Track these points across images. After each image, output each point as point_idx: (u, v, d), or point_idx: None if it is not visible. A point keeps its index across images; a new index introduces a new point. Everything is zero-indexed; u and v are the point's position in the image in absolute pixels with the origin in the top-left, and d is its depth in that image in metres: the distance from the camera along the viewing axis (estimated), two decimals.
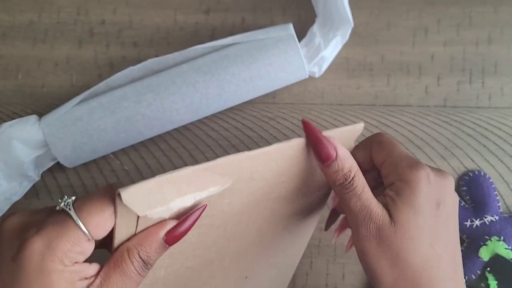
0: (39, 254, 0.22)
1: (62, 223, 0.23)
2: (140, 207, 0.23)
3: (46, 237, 0.23)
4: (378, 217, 0.27)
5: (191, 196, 0.26)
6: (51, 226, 0.23)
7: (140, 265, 0.25)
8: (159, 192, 0.24)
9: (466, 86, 0.44)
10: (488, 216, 0.41)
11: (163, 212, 0.25)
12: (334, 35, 0.41)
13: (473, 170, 0.43)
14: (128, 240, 0.25)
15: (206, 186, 0.26)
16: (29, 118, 0.41)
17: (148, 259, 0.25)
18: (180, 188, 0.25)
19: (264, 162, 0.29)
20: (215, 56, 0.41)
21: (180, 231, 0.25)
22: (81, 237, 0.23)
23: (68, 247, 0.23)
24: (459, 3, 0.45)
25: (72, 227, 0.23)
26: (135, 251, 0.24)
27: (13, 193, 0.42)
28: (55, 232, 0.23)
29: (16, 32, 0.46)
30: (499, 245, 0.40)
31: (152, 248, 0.25)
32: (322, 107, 0.44)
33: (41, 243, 0.22)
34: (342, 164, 0.28)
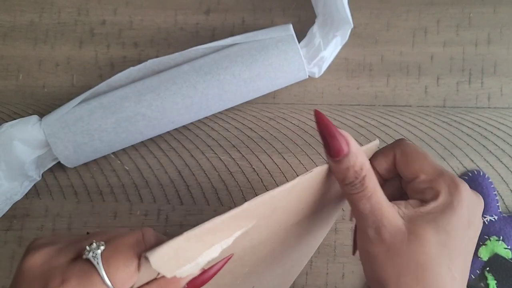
0: None
1: (88, 277, 0.22)
2: (169, 269, 0.22)
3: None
4: (390, 223, 0.25)
5: (218, 246, 0.24)
6: (76, 280, 0.22)
7: None
8: (187, 250, 0.23)
9: (465, 86, 0.44)
10: (487, 216, 0.41)
11: (192, 268, 0.24)
12: (334, 36, 0.41)
13: (472, 170, 0.43)
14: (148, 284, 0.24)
15: (232, 233, 0.25)
16: (30, 118, 0.41)
17: None
18: (206, 241, 0.24)
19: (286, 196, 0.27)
20: (216, 56, 0.41)
21: (202, 279, 0.25)
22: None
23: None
24: (459, 4, 0.45)
25: (98, 283, 0.22)
26: None
27: (14, 193, 0.42)
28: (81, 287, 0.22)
29: (17, 32, 0.46)
30: (498, 245, 0.40)
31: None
32: (322, 107, 0.44)
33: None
34: (354, 160, 0.25)
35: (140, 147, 0.44)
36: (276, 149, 0.44)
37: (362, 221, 0.26)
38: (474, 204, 0.27)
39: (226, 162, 0.44)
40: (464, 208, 0.25)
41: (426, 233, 0.24)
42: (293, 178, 0.28)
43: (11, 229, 0.43)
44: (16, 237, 0.43)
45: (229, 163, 0.44)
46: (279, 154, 0.44)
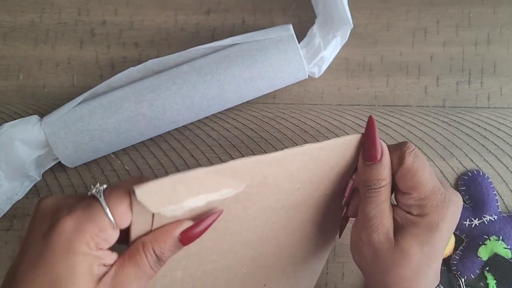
0: (69, 233, 0.24)
1: (92, 208, 0.24)
2: (153, 204, 0.24)
3: (77, 219, 0.24)
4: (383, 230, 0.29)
5: (203, 196, 0.26)
6: (82, 210, 0.24)
7: (154, 260, 0.26)
8: (172, 191, 0.24)
9: (465, 86, 0.44)
10: (487, 216, 0.41)
11: (176, 210, 0.25)
12: (334, 36, 0.41)
13: (472, 170, 0.43)
14: (145, 235, 0.26)
15: (218, 188, 0.27)
16: (30, 118, 0.41)
17: (162, 255, 0.26)
18: (192, 188, 0.25)
19: (277, 167, 0.29)
20: (216, 56, 0.41)
21: (195, 232, 0.26)
22: (107, 224, 0.24)
23: (95, 232, 0.24)
24: (458, 4, 0.45)
25: (101, 214, 0.24)
26: (150, 245, 0.25)
27: (14, 193, 0.42)
28: (85, 216, 0.24)
29: (17, 32, 0.46)
30: (498, 245, 0.40)
31: (167, 245, 0.26)
32: (321, 108, 0.45)
33: (71, 224, 0.24)
34: (382, 170, 0.30)
35: (140, 147, 0.44)
36: (276, 149, 0.44)
37: (363, 220, 0.30)
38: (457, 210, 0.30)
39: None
40: (448, 223, 0.29)
41: (411, 247, 0.28)
42: None
43: (11, 229, 0.43)
44: (17, 237, 0.43)
45: None
46: None
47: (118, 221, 0.24)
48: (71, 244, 0.24)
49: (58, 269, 0.23)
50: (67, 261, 0.23)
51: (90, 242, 0.24)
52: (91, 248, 0.24)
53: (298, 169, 0.30)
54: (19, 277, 0.24)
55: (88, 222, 0.24)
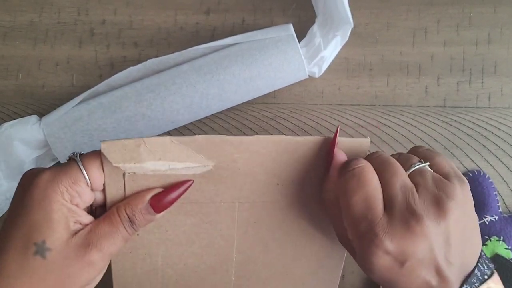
0: (45, 183, 0.26)
1: (68, 165, 0.27)
2: (115, 159, 0.26)
3: (53, 172, 0.26)
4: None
5: (165, 163, 0.28)
6: (59, 167, 0.27)
7: (127, 222, 0.27)
8: (134, 151, 0.27)
9: (465, 86, 0.44)
10: (487, 216, 0.41)
11: (136, 168, 0.27)
12: (334, 36, 0.41)
13: (472, 170, 0.43)
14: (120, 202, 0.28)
15: (182, 159, 0.28)
16: (29, 118, 0.41)
17: (133, 217, 0.28)
18: (155, 152, 0.27)
19: (246, 152, 0.29)
20: (216, 56, 0.41)
21: (166, 199, 0.28)
22: (81, 178, 0.26)
23: (69, 183, 0.26)
24: (459, 3, 0.45)
25: (75, 169, 0.26)
26: (123, 207, 0.28)
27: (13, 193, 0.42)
28: (61, 170, 0.26)
29: (16, 32, 0.46)
30: (498, 245, 0.40)
31: (138, 208, 0.28)
32: (322, 107, 0.44)
33: (48, 175, 0.26)
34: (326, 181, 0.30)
35: None
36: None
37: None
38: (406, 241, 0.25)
39: None
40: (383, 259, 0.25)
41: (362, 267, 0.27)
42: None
43: None
44: None
45: None
46: None
47: (91, 178, 0.27)
48: (47, 192, 0.25)
49: (35, 216, 0.25)
50: (43, 208, 0.25)
51: (64, 193, 0.26)
52: (65, 199, 0.26)
53: (273, 161, 0.30)
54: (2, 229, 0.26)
55: (62, 173, 0.26)
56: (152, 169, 0.28)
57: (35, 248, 0.25)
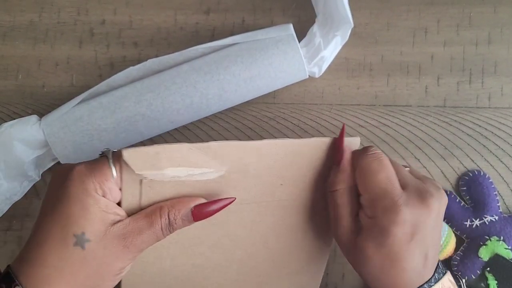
0: (82, 177, 0.26)
1: (101, 162, 0.27)
2: (137, 166, 0.27)
3: (88, 167, 0.27)
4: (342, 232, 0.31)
5: (184, 169, 0.28)
6: (93, 162, 0.28)
7: (166, 223, 0.28)
8: (155, 158, 0.27)
9: (465, 86, 0.44)
10: (487, 216, 0.41)
11: (157, 175, 0.28)
12: (334, 36, 0.41)
13: (472, 170, 0.43)
14: (163, 201, 0.29)
15: (199, 165, 0.28)
16: (29, 118, 0.41)
17: (174, 222, 0.28)
18: (174, 159, 0.28)
19: (256, 156, 0.30)
20: (215, 56, 0.41)
21: (207, 210, 0.29)
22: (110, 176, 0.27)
23: (102, 180, 0.27)
24: (459, 3, 0.45)
25: (106, 165, 0.27)
26: (166, 209, 0.28)
27: (13, 193, 0.42)
28: (95, 165, 0.27)
29: (16, 32, 0.46)
30: (499, 245, 0.40)
31: (180, 213, 0.28)
32: (322, 107, 0.44)
33: (84, 170, 0.27)
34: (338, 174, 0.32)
35: None
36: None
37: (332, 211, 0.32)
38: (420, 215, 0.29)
39: None
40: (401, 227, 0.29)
41: (367, 248, 0.29)
42: None
43: (10, 229, 0.43)
44: (16, 237, 0.43)
45: None
46: None
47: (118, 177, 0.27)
48: (84, 186, 0.26)
49: (72, 208, 0.26)
50: (80, 201, 0.26)
51: (98, 189, 0.26)
52: (99, 194, 0.26)
53: (278, 163, 0.31)
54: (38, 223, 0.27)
55: (97, 170, 0.27)
56: (172, 176, 0.28)
57: (75, 239, 0.26)
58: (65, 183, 0.27)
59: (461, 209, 0.42)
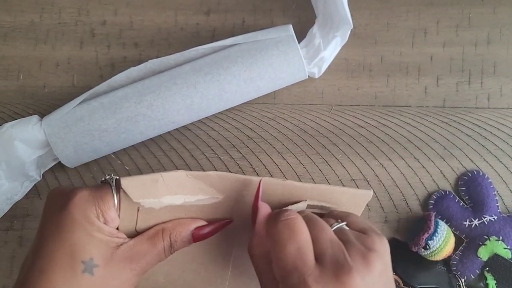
0: (84, 204, 0.26)
1: (103, 188, 0.28)
2: (135, 194, 0.27)
3: (91, 193, 0.27)
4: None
5: (181, 196, 0.29)
6: (95, 188, 0.28)
7: (168, 245, 0.28)
8: (152, 186, 0.27)
9: (465, 86, 0.44)
10: (487, 216, 0.41)
11: (155, 203, 0.28)
12: (334, 36, 0.41)
13: (472, 170, 0.43)
14: (165, 223, 0.29)
15: (196, 193, 0.29)
16: (30, 118, 0.41)
17: (175, 243, 0.29)
18: (171, 187, 0.28)
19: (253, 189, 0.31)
20: (216, 57, 0.41)
21: (206, 231, 0.29)
22: (112, 204, 0.27)
23: (104, 208, 0.27)
24: (458, 4, 0.45)
25: (109, 194, 0.27)
26: (168, 232, 0.29)
27: (14, 193, 0.42)
28: (98, 192, 0.27)
29: (17, 32, 0.46)
30: (498, 245, 0.40)
31: (181, 236, 0.29)
32: (321, 108, 0.45)
33: (87, 196, 0.27)
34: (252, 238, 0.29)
35: (140, 147, 0.44)
36: (276, 149, 0.44)
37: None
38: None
39: (226, 162, 0.44)
40: None
41: None
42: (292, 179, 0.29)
43: (11, 229, 0.43)
44: (17, 237, 0.43)
45: (229, 163, 0.44)
46: (279, 154, 0.44)
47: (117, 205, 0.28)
48: (87, 213, 0.26)
49: (76, 235, 0.26)
50: (85, 227, 0.26)
51: (99, 216, 0.27)
52: (101, 221, 0.27)
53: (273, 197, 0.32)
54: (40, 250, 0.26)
55: (98, 197, 0.27)
56: (169, 204, 0.28)
57: (83, 266, 0.26)
58: (67, 209, 0.26)
59: (460, 209, 0.42)
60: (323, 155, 0.44)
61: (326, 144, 0.44)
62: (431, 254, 0.40)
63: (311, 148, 0.44)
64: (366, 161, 0.43)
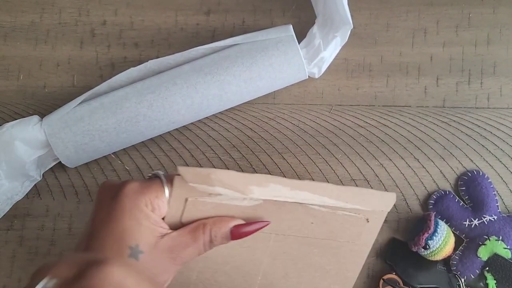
0: (134, 193, 0.28)
1: (153, 181, 0.29)
2: (191, 179, 0.29)
3: (140, 184, 0.29)
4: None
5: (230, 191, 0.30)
6: (144, 180, 0.30)
7: (207, 240, 0.30)
8: (207, 177, 0.29)
9: (465, 86, 0.44)
10: (486, 216, 0.41)
11: (206, 189, 0.29)
12: (334, 36, 0.41)
13: (471, 170, 0.43)
14: (206, 219, 0.30)
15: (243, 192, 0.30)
16: (31, 118, 0.41)
17: (214, 238, 0.30)
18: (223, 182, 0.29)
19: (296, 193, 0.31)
20: (216, 57, 0.41)
21: (244, 230, 0.31)
22: (162, 194, 0.29)
23: (153, 197, 0.28)
24: (458, 4, 0.45)
25: (159, 185, 0.29)
26: (209, 227, 0.30)
27: (15, 193, 0.42)
28: (147, 183, 0.29)
29: (17, 33, 0.46)
30: (497, 245, 0.40)
31: (221, 231, 0.30)
32: (321, 108, 0.45)
33: (136, 186, 0.29)
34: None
35: (140, 147, 0.44)
36: (276, 149, 0.44)
37: None
38: None
39: (226, 162, 0.44)
40: None
41: None
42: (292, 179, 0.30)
43: (12, 228, 0.43)
44: (17, 236, 0.43)
45: (229, 163, 0.44)
46: (279, 154, 0.44)
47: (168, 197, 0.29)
48: (136, 202, 0.28)
49: (126, 223, 0.28)
50: (134, 216, 0.28)
51: (148, 204, 0.28)
52: (149, 209, 0.28)
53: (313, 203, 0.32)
54: (92, 235, 0.28)
55: (148, 187, 0.29)
56: (221, 193, 0.30)
57: (129, 251, 0.27)
58: (118, 198, 0.28)
59: (460, 209, 0.42)
60: (323, 155, 0.44)
61: (326, 144, 0.44)
62: (431, 254, 0.40)
63: (311, 148, 0.44)
64: (366, 161, 0.43)
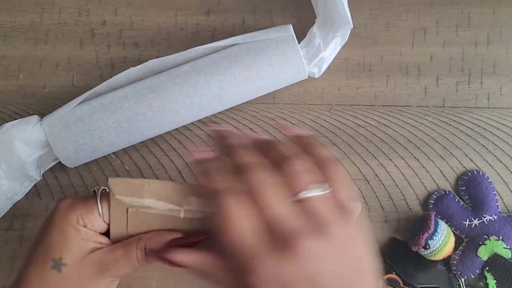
0: (65, 208, 0.29)
1: (88, 197, 0.30)
2: (119, 192, 0.29)
3: (73, 200, 0.30)
4: None
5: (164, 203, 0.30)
6: (80, 197, 0.30)
7: (142, 255, 0.29)
8: (138, 189, 0.29)
9: (465, 86, 0.44)
10: (486, 216, 0.41)
11: (135, 202, 0.30)
12: (334, 36, 0.41)
13: (472, 170, 0.43)
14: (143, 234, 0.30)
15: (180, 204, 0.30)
16: (30, 118, 0.41)
17: (150, 252, 0.29)
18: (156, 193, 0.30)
19: None
20: (216, 57, 0.41)
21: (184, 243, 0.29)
22: (95, 209, 0.29)
23: (84, 212, 0.29)
24: (458, 4, 0.45)
25: (92, 201, 0.30)
26: (143, 242, 0.29)
27: (14, 192, 0.42)
28: (81, 200, 0.30)
29: (17, 32, 0.46)
30: (498, 245, 0.40)
31: (156, 246, 0.29)
32: (321, 107, 0.45)
33: (69, 202, 0.30)
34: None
35: (140, 147, 0.44)
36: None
37: None
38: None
39: None
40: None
41: None
42: None
43: (11, 228, 0.43)
44: (17, 236, 0.43)
45: None
46: None
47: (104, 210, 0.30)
48: (66, 216, 0.29)
49: (54, 235, 0.29)
50: (61, 229, 0.29)
51: (79, 219, 0.29)
52: (80, 224, 0.29)
53: None
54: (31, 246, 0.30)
55: (80, 203, 0.29)
56: (150, 206, 0.30)
57: (52, 263, 0.28)
58: (52, 212, 0.30)
59: (460, 209, 0.42)
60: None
61: (325, 144, 0.44)
62: (431, 253, 0.40)
63: None
64: (366, 161, 0.43)
